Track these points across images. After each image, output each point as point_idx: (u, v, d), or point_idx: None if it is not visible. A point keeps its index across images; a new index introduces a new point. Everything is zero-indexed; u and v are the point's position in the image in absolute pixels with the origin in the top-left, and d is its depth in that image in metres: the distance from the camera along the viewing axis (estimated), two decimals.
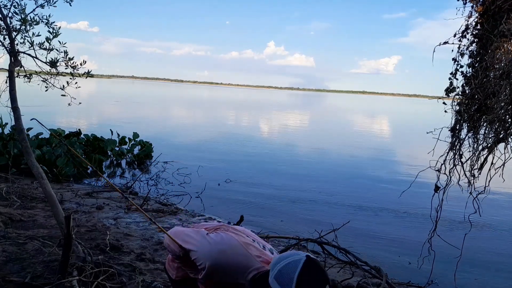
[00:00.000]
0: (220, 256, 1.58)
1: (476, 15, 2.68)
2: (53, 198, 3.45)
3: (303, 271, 1.34)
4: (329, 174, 9.73)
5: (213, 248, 1.60)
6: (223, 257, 1.58)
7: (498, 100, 2.50)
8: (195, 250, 1.63)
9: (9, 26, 3.75)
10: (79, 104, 4.10)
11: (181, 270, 1.87)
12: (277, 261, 1.41)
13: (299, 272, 1.33)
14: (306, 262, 1.36)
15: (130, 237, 4.42)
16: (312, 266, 1.37)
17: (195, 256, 1.63)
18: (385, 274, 3.61)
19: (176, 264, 1.88)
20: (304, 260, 1.37)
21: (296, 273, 1.33)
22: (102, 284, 2.91)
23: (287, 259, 1.39)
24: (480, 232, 5.69)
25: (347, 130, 23.12)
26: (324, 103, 77.24)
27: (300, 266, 1.35)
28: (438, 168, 2.91)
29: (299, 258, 1.37)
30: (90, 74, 3.99)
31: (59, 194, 5.72)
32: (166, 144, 12.26)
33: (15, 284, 2.86)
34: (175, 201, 6.53)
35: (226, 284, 1.61)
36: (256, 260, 1.59)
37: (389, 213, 6.70)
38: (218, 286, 1.66)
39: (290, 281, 1.33)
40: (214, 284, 1.65)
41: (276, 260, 1.42)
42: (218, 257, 1.58)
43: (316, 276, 1.35)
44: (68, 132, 10.47)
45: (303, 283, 1.32)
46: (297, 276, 1.32)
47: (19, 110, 3.62)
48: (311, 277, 1.34)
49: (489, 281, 4.45)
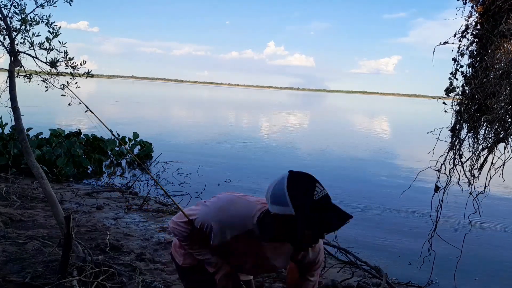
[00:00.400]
0: (221, 212, 1.60)
1: (476, 15, 2.68)
2: (53, 198, 3.45)
3: (290, 183, 1.41)
4: (329, 174, 9.73)
5: (211, 208, 1.63)
6: (224, 212, 1.60)
7: (498, 100, 2.50)
8: (197, 217, 1.65)
9: (9, 26, 3.76)
10: (79, 104, 4.10)
11: (188, 257, 1.82)
12: (267, 191, 1.49)
13: (287, 186, 1.40)
14: (289, 175, 1.44)
15: (130, 237, 4.42)
16: (296, 175, 1.44)
17: (199, 223, 1.63)
18: (385, 274, 3.61)
19: (183, 250, 1.84)
20: (287, 175, 1.45)
21: (285, 187, 1.40)
22: (102, 284, 2.91)
23: (273, 183, 1.48)
24: (480, 232, 5.69)
25: (347, 130, 23.12)
26: (324, 103, 77.27)
27: (285, 180, 1.43)
28: (438, 168, 2.91)
29: (283, 175, 1.46)
30: (90, 74, 3.99)
31: (59, 194, 5.72)
32: (166, 144, 12.26)
33: (15, 284, 2.86)
34: (175, 201, 6.52)
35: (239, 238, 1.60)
36: (256, 204, 1.62)
37: (389, 213, 6.70)
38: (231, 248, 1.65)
39: (283, 196, 1.40)
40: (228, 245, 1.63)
41: (266, 191, 1.50)
42: (219, 214, 1.60)
43: (303, 181, 1.42)
44: (68, 132, 10.48)
45: (294, 191, 1.39)
46: (286, 189, 1.39)
47: (19, 110, 3.62)
48: (299, 184, 1.40)
49: (489, 281, 4.45)
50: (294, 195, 1.38)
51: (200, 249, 1.72)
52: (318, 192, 1.37)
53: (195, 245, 1.73)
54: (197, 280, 1.81)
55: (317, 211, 1.34)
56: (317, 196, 1.36)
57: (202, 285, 1.79)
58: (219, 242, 1.61)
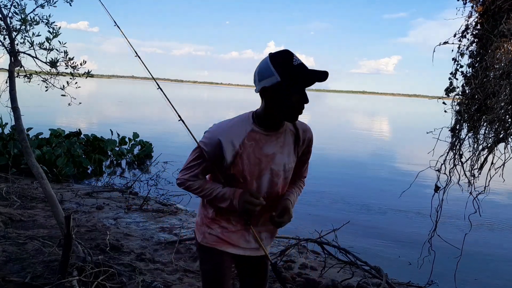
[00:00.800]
0: (221, 127, 1.73)
1: (476, 15, 2.68)
2: (53, 198, 3.45)
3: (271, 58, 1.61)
4: (329, 174, 9.73)
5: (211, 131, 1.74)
6: (224, 125, 1.73)
7: (498, 100, 2.50)
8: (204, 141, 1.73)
9: (9, 26, 3.76)
10: (79, 104, 4.11)
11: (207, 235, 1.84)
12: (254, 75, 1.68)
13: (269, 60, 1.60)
14: (270, 54, 1.63)
15: (130, 237, 4.42)
16: (274, 53, 1.63)
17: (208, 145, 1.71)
18: (385, 274, 3.61)
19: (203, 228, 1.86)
20: (268, 55, 1.64)
21: (268, 61, 1.60)
22: (102, 284, 2.91)
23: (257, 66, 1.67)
24: (480, 232, 5.69)
25: (347, 130, 23.12)
26: (324, 103, 77.24)
27: (267, 57, 1.62)
28: (438, 168, 2.91)
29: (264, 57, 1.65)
30: (90, 74, 3.99)
31: (59, 194, 5.72)
32: (166, 144, 12.26)
33: (15, 284, 2.86)
34: (175, 201, 6.52)
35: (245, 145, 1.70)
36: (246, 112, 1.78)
37: (389, 213, 6.71)
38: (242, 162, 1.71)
39: (268, 69, 1.60)
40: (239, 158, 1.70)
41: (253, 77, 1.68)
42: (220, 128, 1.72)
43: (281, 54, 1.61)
44: (68, 132, 10.48)
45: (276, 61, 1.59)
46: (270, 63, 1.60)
47: (19, 110, 3.62)
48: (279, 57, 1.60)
49: (489, 281, 4.45)
50: (276, 64, 1.58)
51: (212, 186, 1.76)
52: (296, 59, 1.58)
53: (206, 184, 1.77)
54: (211, 262, 1.86)
55: (298, 71, 1.58)
56: (296, 62, 1.58)
57: (215, 267, 1.84)
58: (232, 156, 1.68)
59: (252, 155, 1.70)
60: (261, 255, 1.88)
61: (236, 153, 1.68)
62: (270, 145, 1.73)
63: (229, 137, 1.68)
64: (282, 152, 1.76)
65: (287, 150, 1.78)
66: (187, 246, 4.23)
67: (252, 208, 1.68)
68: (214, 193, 1.74)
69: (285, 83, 1.57)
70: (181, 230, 4.77)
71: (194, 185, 1.77)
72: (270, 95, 1.62)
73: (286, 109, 1.62)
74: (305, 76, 1.57)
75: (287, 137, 1.78)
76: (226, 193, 1.72)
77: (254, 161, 1.72)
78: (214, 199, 1.75)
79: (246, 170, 1.72)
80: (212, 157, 1.70)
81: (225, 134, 1.68)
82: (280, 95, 1.60)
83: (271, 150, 1.73)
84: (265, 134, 1.71)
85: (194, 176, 1.77)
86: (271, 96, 1.62)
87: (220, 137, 1.68)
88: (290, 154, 1.79)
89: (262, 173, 1.75)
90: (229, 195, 1.71)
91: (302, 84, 1.59)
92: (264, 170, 1.74)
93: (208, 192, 1.76)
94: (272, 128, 1.72)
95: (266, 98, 1.64)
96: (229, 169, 1.71)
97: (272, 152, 1.74)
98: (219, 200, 1.74)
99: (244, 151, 1.69)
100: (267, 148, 1.73)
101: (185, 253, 4.05)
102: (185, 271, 3.59)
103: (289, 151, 1.79)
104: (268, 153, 1.73)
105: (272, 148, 1.74)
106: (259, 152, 1.71)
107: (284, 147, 1.77)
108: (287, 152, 1.78)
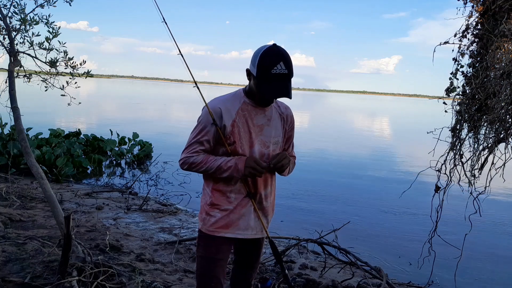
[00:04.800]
0: (218, 99, 1.92)
1: (477, 15, 2.68)
2: (53, 198, 3.44)
3: (265, 51, 1.74)
4: (329, 174, 9.73)
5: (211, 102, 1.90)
6: (221, 97, 1.93)
7: (499, 100, 2.50)
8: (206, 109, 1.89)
9: (9, 26, 3.75)
10: (79, 104, 4.10)
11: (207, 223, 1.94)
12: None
13: (262, 52, 1.74)
14: (271, 46, 1.76)
15: (129, 237, 4.42)
16: (273, 48, 1.75)
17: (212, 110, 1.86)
18: (386, 275, 3.61)
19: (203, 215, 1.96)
20: (270, 45, 1.77)
21: (260, 53, 1.74)
22: (101, 285, 2.91)
23: (257, 48, 1.80)
24: (480, 232, 5.69)
25: (347, 130, 23.11)
26: (324, 103, 77.27)
27: (265, 48, 1.76)
28: (439, 168, 2.90)
29: (268, 44, 1.78)
30: (89, 74, 3.99)
31: (59, 194, 5.71)
32: (166, 144, 12.26)
33: (14, 284, 2.86)
34: (175, 201, 6.52)
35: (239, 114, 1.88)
36: None
37: (389, 214, 6.70)
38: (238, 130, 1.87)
39: (256, 58, 1.75)
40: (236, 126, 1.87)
41: None
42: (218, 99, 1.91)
43: (273, 54, 1.73)
44: (68, 132, 10.47)
45: (264, 58, 1.73)
46: (260, 55, 1.74)
47: (18, 110, 3.61)
48: (269, 56, 1.73)
49: (489, 281, 4.45)
50: (260, 62, 1.73)
51: (216, 157, 1.87)
52: (278, 68, 1.70)
53: (210, 156, 1.88)
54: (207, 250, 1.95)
55: (267, 80, 1.73)
56: (274, 71, 1.71)
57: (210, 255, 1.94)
58: (230, 124, 1.86)
59: (245, 124, 1.89)
60: (258, 237, 2.03)
61: (233, 121, 1.86)
62: (259, 117, 1.92)
63: (227, 106, 1.87)
64: (269, 125, 1.95)
65: (274, 124, 1.97)
66: (187, 247, 4.23)
67: (257, 171, 1.81)
68: (218, 161, 1.85)
69: (257, 80, 1.77)
70: (181, 230, 4.77)
71: (198, 159, 1.87)
72: (249, 78, 1.86)
73: (258, 95, 1.84)
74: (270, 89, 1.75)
75: (274, 112, 1.98)
76: (230, 160, 1.84)
77: (246, 130, 1.89)
78: (218, 169, 1.84)
79: (243, 137, 1.88)
80: (214, 126, 1.84)
81: (223, 104, 1.88)
82: (254, 84, 1.82)
83: (260, 121, 1.93)
84: (255, 107, 1.91)
85: (196, 152, 1.88)
86: (250, 79, 1.87)
87: (220, 106, 1.86)
88: (277, 128, 1.98)
89: (254, 143, 1.90)
90: (234, 161, 1.83)
91: (264, 93, 1.78)
92: (254, 140, 1.91)
93: (212, 162, 1.85)
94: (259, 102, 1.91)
95: (248, 78, 1.88)
96: (229, 138, 1.86)
97: (261, 123, 1.93)
98: (223, 169, 1.84)
99: (239, 119, 1.87)
100: (257, 119, 1.92)
101: (185, 254, 4.05)
102: (185, 272, 3.58)
103: (276, 125, 1.98)
104: (257, 124, 1.92)
105: (261, 119, 1.93)
106: (250, 122, 1.90)
107: (271, 120, 1.96)
108: (274, 126, 1.97)
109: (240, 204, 1.92)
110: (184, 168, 1.91)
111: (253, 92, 1.87)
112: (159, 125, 18.58)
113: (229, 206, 1.92)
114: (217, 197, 1.93)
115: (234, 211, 1.92)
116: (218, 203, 1.92)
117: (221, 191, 1.92)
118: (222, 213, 1.92)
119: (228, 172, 1.83)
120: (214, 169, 1.85)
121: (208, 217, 1.94)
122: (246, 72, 1.86)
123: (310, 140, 16.74)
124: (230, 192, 1.91)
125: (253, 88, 1.83)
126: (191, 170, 1.91)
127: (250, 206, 1.95)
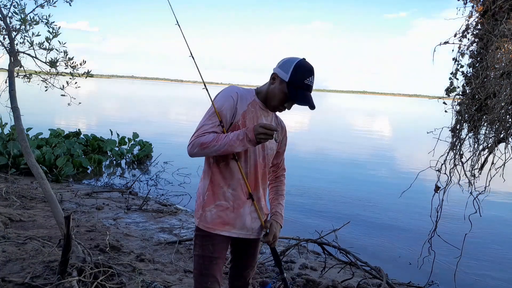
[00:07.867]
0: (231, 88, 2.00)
1: (477, 15, 2.68)
2: (53, 198, 3.44)
3: (299, 62, 1.90)
4: (329, 174, 9.73)
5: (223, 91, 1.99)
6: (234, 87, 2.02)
7: (499, 100, 2.50)
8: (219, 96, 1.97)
9: (9, 26, 3.75)
10: (79, 104, 4.10)
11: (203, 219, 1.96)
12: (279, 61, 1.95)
13: (296, 63, 1.89)
14: (302, 59, 1.92)
15: (129, 237, 4.42)
16: (305, 62, 1.91)
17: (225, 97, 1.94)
18: (386, 275, 3.61)
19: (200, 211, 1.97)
20: (301, 58, 1.93)
21: (295, 63, 1.89)
22: (101, 285, 2.90)
23: (289, 58, 1.94)
24: (480, 232, 5.69)
25: (347, 130, 23.11)
26: (324, 103, 77.24)
27: (298, 59, 1.91)
28: (439, 168, 2.90)
29: (298, 58, 1.93)
30: (89, 74, 3.99)
31: (59, 194, 5.71)
32: (166, 144, 12.25)
33: (14, 284, 2.86)
34: (175, 201, 6.52)
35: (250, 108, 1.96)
36: None
37: (389, 214, 6.70)
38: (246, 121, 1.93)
39: (290, 66, 1.88)
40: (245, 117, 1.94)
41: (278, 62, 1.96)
42: (231, 88, 2.00)
43: (306, 68, 1.89)
44: (68, 132, 10.48)
45: (298, 69, 1.87)
46: (295, 64, 1.88)
47: (18, 110, 3.61)
48: (303, 68, 1.89)
49: (489, 281, 4.45)
50: (295, 70, 1.87)
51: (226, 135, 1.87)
52: (309, 80, 1.89)
53: (221, 135, 1.87)
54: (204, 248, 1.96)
55: (298, 88, 1.88)
56: (307, 82, 1.88)
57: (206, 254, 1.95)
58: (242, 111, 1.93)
59: (252, 120, 1.95)
60: (254, 238, 2.05)
61: (244, 112, 1.94)
62: (264, 119, 2.00)
63: (243, 96, 1.97)
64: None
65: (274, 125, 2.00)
66: (187, 247, 4.23)
67: (268, 134, 1.82)
68: (229, 136, 1.85)
69: (288, 86, 1.88)
70: (181, 230, 4.77)
71: (209, 137, 1.86)
72: (274, 82, 1.93)
73: (274, 99, 1.93)
74: (300, 95, 1.89)
75: (274, 120, 2.08)
76: (240, 132, 1.86)
77: (252, 124, 1.92)
78: (229, 143, 1.84)
79: None
80: (229, 110, 1.90)
81: (240, 92, 1.98)
82: (278, 88, 1.90)
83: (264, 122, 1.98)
84: (262, 108, 1.99)
85: (207, 132, 1.89)
86: (273, 83, 1.93)
87: (237, 91, 1.97)
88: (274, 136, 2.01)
89: None
90: (243, 131, 1.84)
91: (294, 98, 1.89)
92: None
93: (223, 138, 1.85)
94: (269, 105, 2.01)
95: (271, 81, 1.94)
96: (236, 126, 1.91)
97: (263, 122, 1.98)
98: (234, 142, 1.84)
99: (249, 112, 1.95)
100: (261, 120, 1.99)
101: (185, 254, 4.05)
102: (185, 272, 3.58)
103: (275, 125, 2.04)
104: None
105: (264, 121, 1.99)
106: (256, 120, 1.96)
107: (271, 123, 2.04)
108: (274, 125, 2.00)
109: (236, 203, 1.95)
110: (194, 151, 1.87)
111: (267, 95, 1.96)
112: (159, 125, 18.58)
113: (225, 203, 1.94)
114: (214, 193, 1.95)
115: (230, 209, 1.94)
116: (215, 199, 1.95)
117: (218, 187, 1.95)
118: (218, 209, 1.94)
119: (242, 145, 1.84)
120: (226, 145, 1.83)
121: (204, 213, 1.96)
122: (270, 76, 1.95)
123: (310, 140, 16.74)
124: (228, 187, 1.94)
125: (274, 91, 1.93)
126: (201, 152, 1.87)
127: (248, 206, 1.96)
